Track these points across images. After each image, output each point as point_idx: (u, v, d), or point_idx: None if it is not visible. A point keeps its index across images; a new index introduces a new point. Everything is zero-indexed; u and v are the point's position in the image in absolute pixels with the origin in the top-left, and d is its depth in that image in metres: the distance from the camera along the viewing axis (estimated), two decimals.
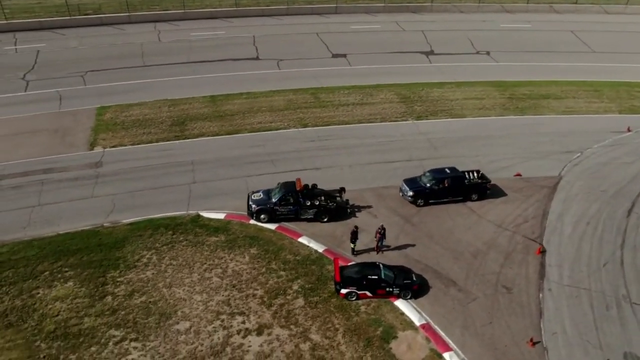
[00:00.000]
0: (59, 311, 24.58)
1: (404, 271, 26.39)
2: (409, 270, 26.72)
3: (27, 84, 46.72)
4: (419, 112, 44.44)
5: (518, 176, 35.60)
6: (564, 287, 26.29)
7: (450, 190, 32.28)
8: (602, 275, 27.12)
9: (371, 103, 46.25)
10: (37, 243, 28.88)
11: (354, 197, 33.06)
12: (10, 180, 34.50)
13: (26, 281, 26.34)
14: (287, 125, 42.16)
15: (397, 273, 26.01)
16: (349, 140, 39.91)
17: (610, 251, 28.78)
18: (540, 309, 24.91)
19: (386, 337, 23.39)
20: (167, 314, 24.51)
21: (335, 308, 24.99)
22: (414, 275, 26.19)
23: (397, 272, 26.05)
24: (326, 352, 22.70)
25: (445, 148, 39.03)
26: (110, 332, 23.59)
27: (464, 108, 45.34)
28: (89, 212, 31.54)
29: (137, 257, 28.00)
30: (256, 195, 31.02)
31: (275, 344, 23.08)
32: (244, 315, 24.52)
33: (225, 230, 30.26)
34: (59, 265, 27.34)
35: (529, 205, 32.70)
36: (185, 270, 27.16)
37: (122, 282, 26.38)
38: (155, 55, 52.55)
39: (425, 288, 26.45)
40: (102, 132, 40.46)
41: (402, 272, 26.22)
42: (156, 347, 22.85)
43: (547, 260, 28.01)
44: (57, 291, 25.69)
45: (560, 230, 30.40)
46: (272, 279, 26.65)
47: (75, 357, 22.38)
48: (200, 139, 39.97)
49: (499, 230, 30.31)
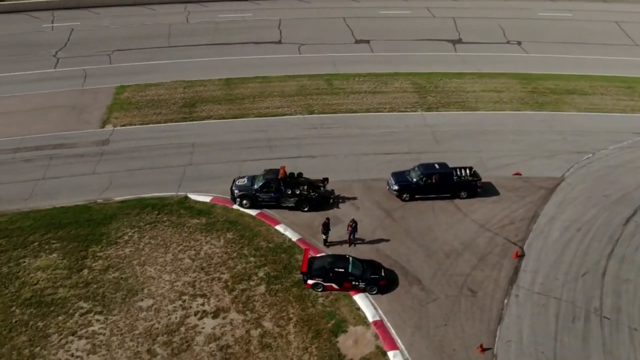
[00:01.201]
0: (39, 280, 26.38)
1: (374, 266, 26.26)
2: (378, 265, 26.59)
3: (58, 61, 49.20)
4: (430, 104, 43.48)
5: (517, 175, 34.37)
6: (533, 294, 25.44)
7: (438, 186, 31.67)
8: (577, 285, 26.02)
9: (384, 92, 45.63)
10: (33, 215, 30.87)
11: (341, 188, 33.09)
12: (23, 153, 36.84)
13: (16, 250, 28.34)
14: (293, 111, 42.42)
15: (366, 267, 25.93)
16: (352, 130, 39.73)
17: (594, 260, 27.47)
18: (500, 315, 24.27)
19: (336, 331, 23.62)
20: (134, 291, 25.77)
21: (294, 298, 25.40)
22: (382, 271, 26.03)
23: (365, 267, 25.98)
24: (274, 340, 23.22)
25: (448, 142, 38.13)
26: (79, 303, 25.12)
27: (478, 101, 43.93)
28: (86, 188, 33.29)
29: (120, 234, 29.44)
30: (241, 180, 31.68)
31: (228, 327, 23.84)
32: (205, 297, 25.41)
33: (208, 213, 31.17)
34: (48, 237, 29.18)
35: (521, 206, 31.59)
36: (161, 249, 28.33)
37: (101, 257, 27.89)
38: (181, 36, 53.80)
39: (393, 284, 26.35)
40: (116, 111, 42.24)
41: (371, 267, 26.12)
42: (117, 322, 24.17)
43: (523, 265, 27.13)
44: (41, 261, 27.52)
45: (546, 234, 29.27)
46: (241, 264, 27.36)
47: (43, 324, 24.04)
48: (206, 122, 40.99)
49: (480, 231, 29.55)
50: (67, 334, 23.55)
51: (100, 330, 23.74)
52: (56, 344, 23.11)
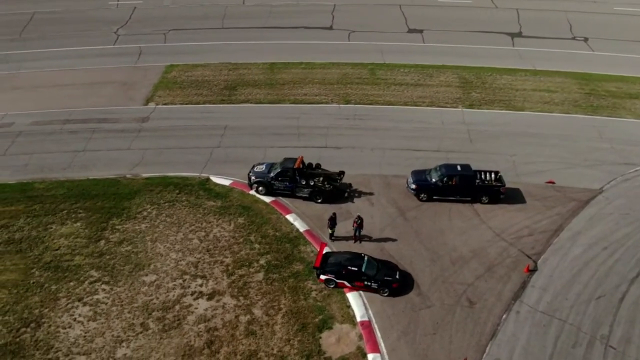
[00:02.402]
0: (60, 246, 28.35)
1: (389, 267, 25.70)
2: (394, 266, 25.96)
3: (117, 37, 51.68)
4: (473, 100, 41.76)
5: (550, 183, 32.43)
6: (536, 312, 24.12)
7: (458, 189, 30.55)
8: (588, 308, 24.34)
9: (427, 85, 44.34)
10: (68, 184, 33.07)
11: (360, 182, 32.76)
12: (71, 125, 39.35)
13: (47, 216, 30.55)
14: (330, 100, 42.25)
15: (381, 268, 25.38)
16: (384, 122, 39.05)
17: (614, 284, 25.55)
18: (495, 331, 23.25)
19: (321, 326, 23.68)
20: (142, 266, 27.09)
21: (288, 288, 25.68)
22: (397, 273, 25.42)
23: (380, 267, 25.44)
24: (260, 329, 23.67)
25: (482, 142, 36.55)
26: (90, 272, 26.79)
27: (526, 100, 41.64)
28: (119, 162, 35.13)
29: (140, 209, 30.91)
30: (259, 167, 32.15)
31: (219, 311, 24.56)
32: (204, 279, 26.26)
33: (225, 196, 31.98)
34: (77, 207, 31.19)
35: (546, 217, 29.86)
36: (174, 228, 29.48)
37: (119, 230, 29.48)
38: (235, 18, 54.71)
39: (407, 287, 25.56)
40: (161, 89, 43.97)
41: (386, 268, 25.52)
42: (120, 293, 25.58)
43: (532, 281, 25.74)
44: (65, 229, 29.52)
45: (566, 250, 27.54)
46: (245, 250, 27.95)
47: (55, 288, 25.90)
48: (242, 105, 41.77)
49: (494, 240, 28.29)
50: (74, 299, 25.21)
51: (104, 299, 25.22)
52: (63, 307, 24.82)
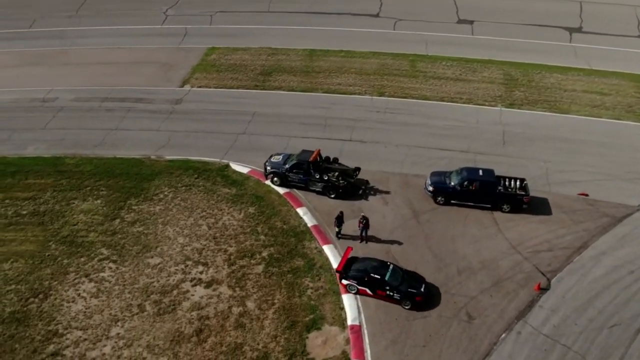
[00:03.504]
0: (78, 222, 29.57)
1: (415, 279, 24.37)
2: (420, 279, 24.57)
3: (166, 18, 52.82)
4: (515, 99, 39.55)
5: (582, 196, 30.25)
6: (539, 335, 22.64)
7: (477, 195, 29.10)
8: (599, 336, 22.56)
9: (468, 80, 42.43)
10: (96, 161, 34.35)
11: (378, 179, 31.94)
12: (109, 103, 40.76)
13: (71, 191, 31.92)
14: (364, 91, 41.36)
15: (406, 279, 24.15)
16: (415, 118, 37.79)
17: (634, 312, 23.54)
18: (490, 350, 22.07)
19: (310, 326, 23.40)
20: (149, 247, 27.79)
21: (285, 284, 25.53)
22: (423, 286, 24.04)
23: (405, 278, 24.20)
24: (250, 322, 23.73)
25: (516, 145, 34.59)
26: (101, 249, 27.79)
27: (574, 102, 38.97)
28: (147, 143, 36.05)
29: (158, 191, 31.65)
30: (276, 157, 31.99)
31: (214, 300, 24.81)
32: (205, 266, 26.59)
33: (240, 184, 32.14)
34: (100, 184, 32.37)
35: (571, 232, 27.91)
36: (186, 213, 29.98)
37: (134, 210, 30.35)
38: (282, 2, 54.41)
39: (432, 302, 24.22)
40: (198, 72, 44.62)
41: (412, 280, 24.24)
42: (124, 272, 26.39)
43: (542, 300, 24.18)
44: (86, 205, 30.75)
45: (586, 271, 25.64)
46: (250, 241, 28.02)
47: (67, 262, 27.10)
48: (274, 92, 41.67)
49: (509, 252, 26.77)
50: (82, 274, 26.27)
51: (109, 277, 26.11)
52: (70, 281, 25.93)
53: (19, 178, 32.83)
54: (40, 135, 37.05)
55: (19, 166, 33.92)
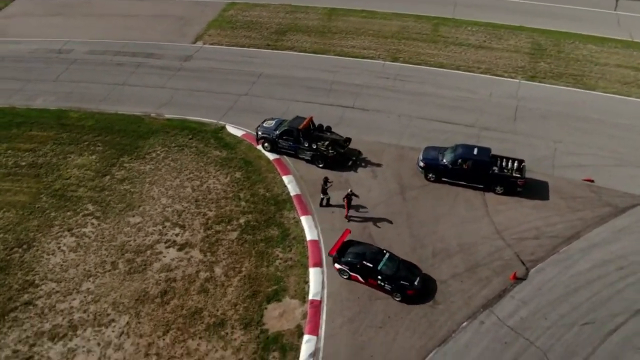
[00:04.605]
0: (71, 176, 30.79)
1: (410, 271, 23.25)
2: (416, 271, 23.40)
3: None
4: (538, 71, 37.38)
5: (587, 181, 28.61)
6: (503, 327, 22.01)
7: (469, 174, 28.07)
8: (568, 334, 21.68)
9: (491, 48, 40.41)
10: (97, 116, 35.38)
11: (372, 150, 31.34)
12: (121, 57, 41.53)
13: (70, 145, 33.14)
14: (377, 55, 40.22)
15: (400, 269, 23.11)
16: (425, 87, 36.48)
17: (611, 311, 22.39)
18: (447, 338, 21.72)
19: (271, 297, 23.72)
20: (132, 206, 28.68)
21: (256, 252, 25.85)
22: (417, 279, 22.91)
23: (400, 269, 23.15)
24: (214, 288, 24.31)
25: (527, 122, 32.90)
26: (87, 205, 28.93)
27: (603, 77, 36.42)
28: (150, 100, 36.69)
29: (151, 150, 32.37)
30: (268, 122, 31.86)
31: (184, 263, 25.51)
32: (182, 229, 27.24)
33: (232, 148, 32.35)
34: (97, 140, 33.42)
35: (564, 220, 26.59)
36: (174, 173, 30.60)
37: (125, 168, 31.24)
38: None
39: (426, 297, 23.11)
40: (213, 28, 44.57)
41: (406, 271, 23.16)
42: (105, 229, 27.46)
43: (515, 291, 23.38)
44: (81, 160, 31.91)
45: (571, 263, 24.48)
46: (230, 206, 28.38)
47: (54, 215, 28.43)
48: (285, 52, 41.17)
49: (492, 237, 25.88)
50: (65, 228, 27.53)
51: (89, 233, 27.26)
52: (54, 234, 27.26)
53: (24, 129, 34.30)
54: (50, 87, 38.33)
55: (25, 117, 35.39)
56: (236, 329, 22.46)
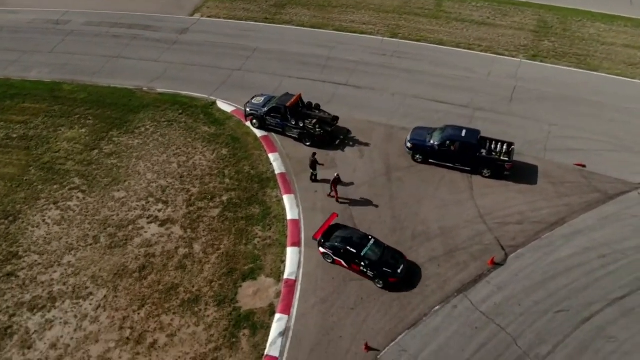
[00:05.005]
0: (60, 149, 31.45)
1: (394, 258, 23.21)
2: (400, 259, 23.32)
3: None
4: (541, 50, 36.71)
5: (579, 166, 28.33)
6: (475, 312, 22.22)
7: (456, 156, 27.98)
8: (540, 321, 21.80)
9: (495, 25, 39.75)
10: (90, 89, 35.87)
11: (361, 129, 31.36)
12: (117, 29, 41.82)
13: (61, 118, 33.75)
14: (376, 31, 39.87)
15: (384, 256, 23.11)
16: (422, 65, 36.14)
17: (587, 300, 22.41)
18: (418, 321, 22.03)
19: (246, 275, 24.21)
20: (118, 181, 29.27)
21: (236, 230, 26.30)
22: (401, 268, 22.90)
23: (384, 255, 23.14)
24: (192, 264, 24.88)
25: (523, 103, 32.49)
26: (74, 179, 29.59)
27: (608, 58, 35.65)
28: (143, 73, 37.00)
29: (140, 125, 32.82)
30: (257, 99, 31.98)
31: (164, 239, 26.09)
32: (165, 204, 27.77)
33: (221, 124, 32.62)
34: (88, 113, 33.96)
35: (550, 206, 26.46)
36: (162, 149, 31.05)
37: (114, 142, 31.77)
38: None
39: (408, 285, 23.07)
40: (212, 0, 44.35)
41: (390, 258, 23.13)
42: (89, 203, 28.13)
43: (491, 276, 23.50)
44: (71, 133, 32.51)
45: (552, 250, 24.45)
46: (214, 183, 28.79)
47: (41, 188, 29.17)
48: (283, 27, 41.06)
49: (474, 221, 25.91)
50: (51, 201, 28.26)
51: (74, 207, 27.96)
52: (39, 207, 28.02)
53: (17, 101, 34.97)
54: (46, 58, 38.83)
55: (20, 89, 36.03)
56: (210, 305, 23.02)
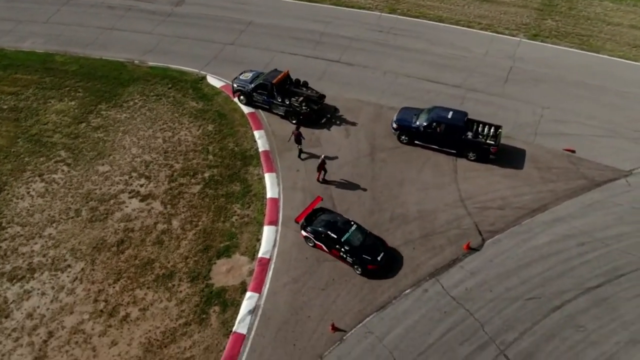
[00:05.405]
0: (49, 122, 32.10)
1: (375, 245, 23.38)
2: (381, 246, 23.47)
3: None
4: (542, 29, 36.12)
5: (568, 151, 28.14)
6: (445, 296, 22.53)
7: (441, 138, 27.98)
8: (509, 308, 22.05)
9: (498, 2, 39.27)
10: (82, 61, 36.32)
11: (350, 107, 31.43)
12: (113, 0, 41.91)
13: (52, 90, 34.32)
14: (374, 6, 39.60)
15: (365, 243, 23.28)
16: (418, 42, 35.87)
17: (560, 288, 22.55)
18: (387, 304, 22.43)
19: (221, 253, 24.77)
20: (103, 154, 29.88)
21: (215, 207, 26.80)
22: (381, 255, 23.07)
23: (365, 242, 23.31)
24: (169, 240, 25.51)
25: (518, 85, 32.19)
26: (60, 152, 30.26)
27: (612, 39, 34.99)
28: (135, 46, 37.30)
29: (129, 98, 33.27)
30: (245, 74, 32.15)
31: (144, 214, 26.72)
32: (148, 179, 28.35)
33: (209, 100, 32.92)
34: (79, 85, 34.48)
35: (534, 192, 26.44)
36: (148, 123, 31.52)
37: (102, 115, 32.32)
38: None
39: (387, 272, 23.22)
40: None
41: (371, 245, 23.31)
42: (74, 176, 28.83)
43: (466, 261, 23.72)
44: (60, 105, 33.11)
45: (530, 236, 24.53)
46: (198, 159, 29.24)
47: (27, 160, 29.91)
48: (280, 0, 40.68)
49: (454, 205, 26.03)
50: (37, 173, 29.01)
51: (59, 179, 28.69)
52: (25, 179, 28.80)
53: (10, 72, 35.59)
54: (40, 29, 39.30)
55: (12, 60, 36.61)
56: (183, 281, 23.67)
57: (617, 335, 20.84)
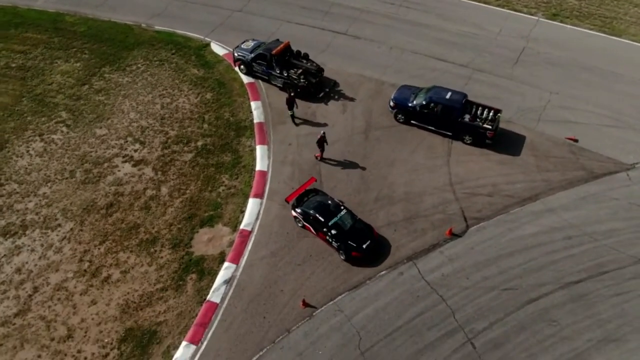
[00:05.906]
0: (53, 82, 33.22)
1: (362, 232, 23.45)
2: (368, 234, 23.53)
3: None
4: (563, 9, 35.24)
5: (570, 140, 27.75)
6: (420, 281, 22.89)
7: (438, 119, 27.90)
8: (484, 296, 22.29)
9: None
10: (90, 23, 37.20)
11: (351, 82, 31.52)
12: None
13: (59, 50, 35.37)
14: None
15: (353, 229, 23.45)
16: (429, 18, 35.43)
17: (540, 281, 22.61)
18: (360, 284, 22.95)
19: (204, 222, 25.60)
20: (102, 118, 30.88)
21: (204, 177, 27.57)
22: (367, 243, 23.19)
23: (353, 228, 23.47)
24: (156, 207, 26.46)
25: (528, 67, 31.61)
26: (62, 113, 31.40)
27: (637, 22, 33.86)
28: (144, 9, 37.93)
29: (133, 62, 34.05)
30: (247, 44, 32.44)
31: (135, 179, 27.71)
32: (142, 145, 29.25)
33: (211, 67, 33.42)
34: (85, 47, 35.40)
35: (527, 180, 26.29)
36: (149, 89, 32.30)
37: (105, 78, 33.23)
38: None
39: (371, 260, 23.35)
40: None
41: (359, 232, 23.41)
42: (72, 138, 29.96)
43: (446, 247, 23.94)
44: (66, 66, 34.15)
45: (517, 226, 24.52)
46: (192, 127, 29.95)
47: (30, 119, 31.16)
48: None
49: (443, 189, 26.12)
50: (37, 133, 30.25)
51: (57, 140, 29.86)
52: (26, 138, 30.08)
53: (20, 30, 36.72)
54: None
55: (24, 18, 37.73)
56: (165, 247, 24.64)
57: (591, 333, 20.87)
